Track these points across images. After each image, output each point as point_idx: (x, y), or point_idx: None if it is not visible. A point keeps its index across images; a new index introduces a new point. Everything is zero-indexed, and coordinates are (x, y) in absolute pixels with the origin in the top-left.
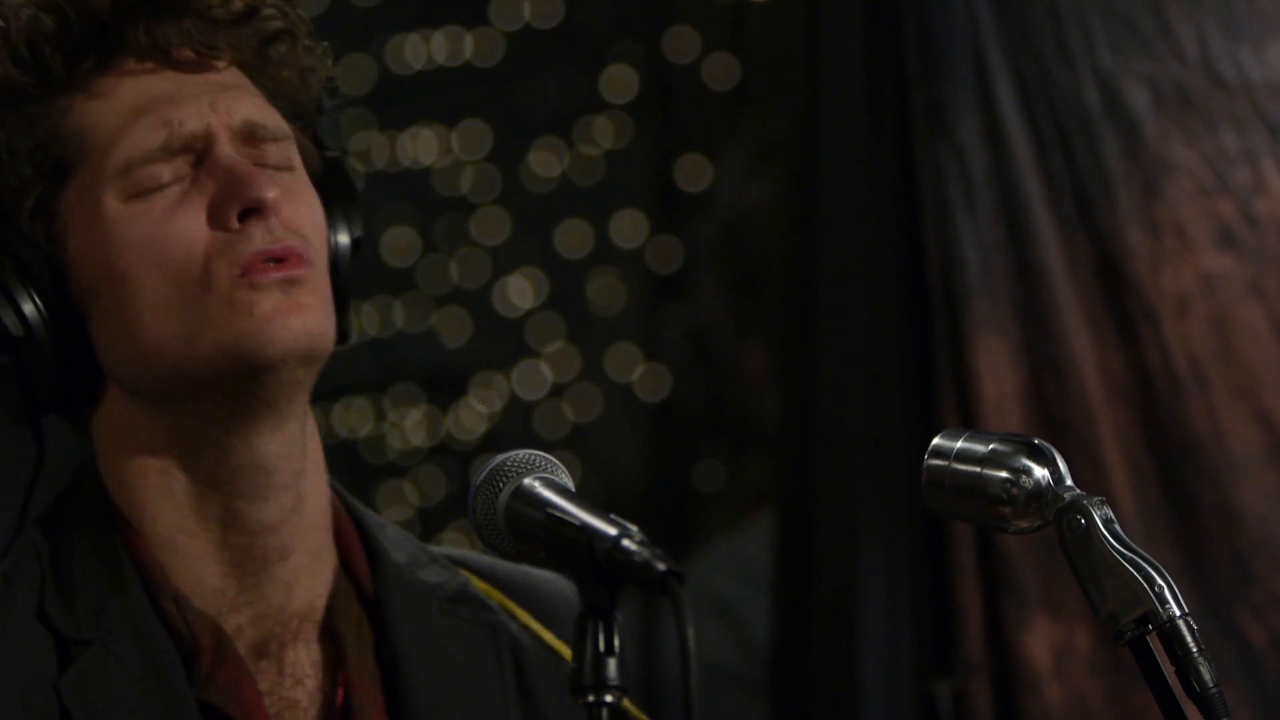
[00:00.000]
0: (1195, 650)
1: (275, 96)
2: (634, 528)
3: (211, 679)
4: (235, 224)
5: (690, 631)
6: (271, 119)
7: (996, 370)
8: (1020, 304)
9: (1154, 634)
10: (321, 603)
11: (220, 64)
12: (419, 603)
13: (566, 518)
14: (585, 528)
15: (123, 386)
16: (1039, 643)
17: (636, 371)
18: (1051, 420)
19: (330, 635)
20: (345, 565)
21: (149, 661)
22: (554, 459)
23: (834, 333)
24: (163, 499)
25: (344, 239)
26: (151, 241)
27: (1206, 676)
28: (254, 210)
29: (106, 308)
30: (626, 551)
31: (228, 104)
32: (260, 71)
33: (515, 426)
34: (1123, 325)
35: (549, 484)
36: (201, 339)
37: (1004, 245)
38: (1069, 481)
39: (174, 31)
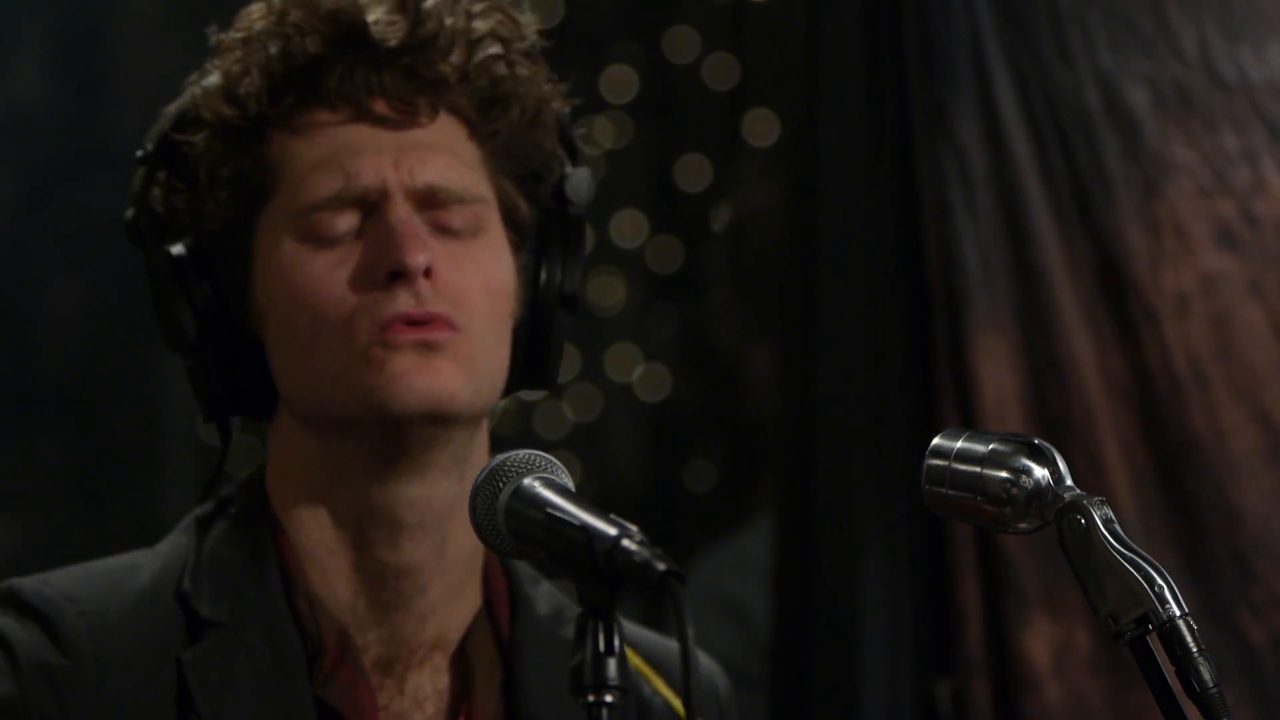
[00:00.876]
0: (1195, 650)
1: (494, 153)
2: (634, 528)
3: (331, 678)
4: (383, 284)
5: (690, 631)
6: (460, 181)
7: (996, 370)
8: (1020, 304)
9: (1154, 634)
10: (455, 636)
11: (423, 120)
12: (553, 654)
13: (566, 518)
14: (585, 528)
15: (289, 404)
16: (1039, 643)
17: (636, 371)
18: (1051, 420)
19: (461, 667)
20: (488, 606)
21: (275, 651)
22: (554, 459)
23: (834, 333)
24: (309, 515)
25: (551, 292)
26: (311, 290)
27: (1206, 676)
28: (401, 274)
29: (275, 336)
30: (626, 551)
31: (412, 163)
32: (478, 129)
33: (515, 426)
34: (1123, 325)
35: (549, 484)
36: (340, 386)
37: (1004, 245)
38: (1069, 481)
39: (373, 83)
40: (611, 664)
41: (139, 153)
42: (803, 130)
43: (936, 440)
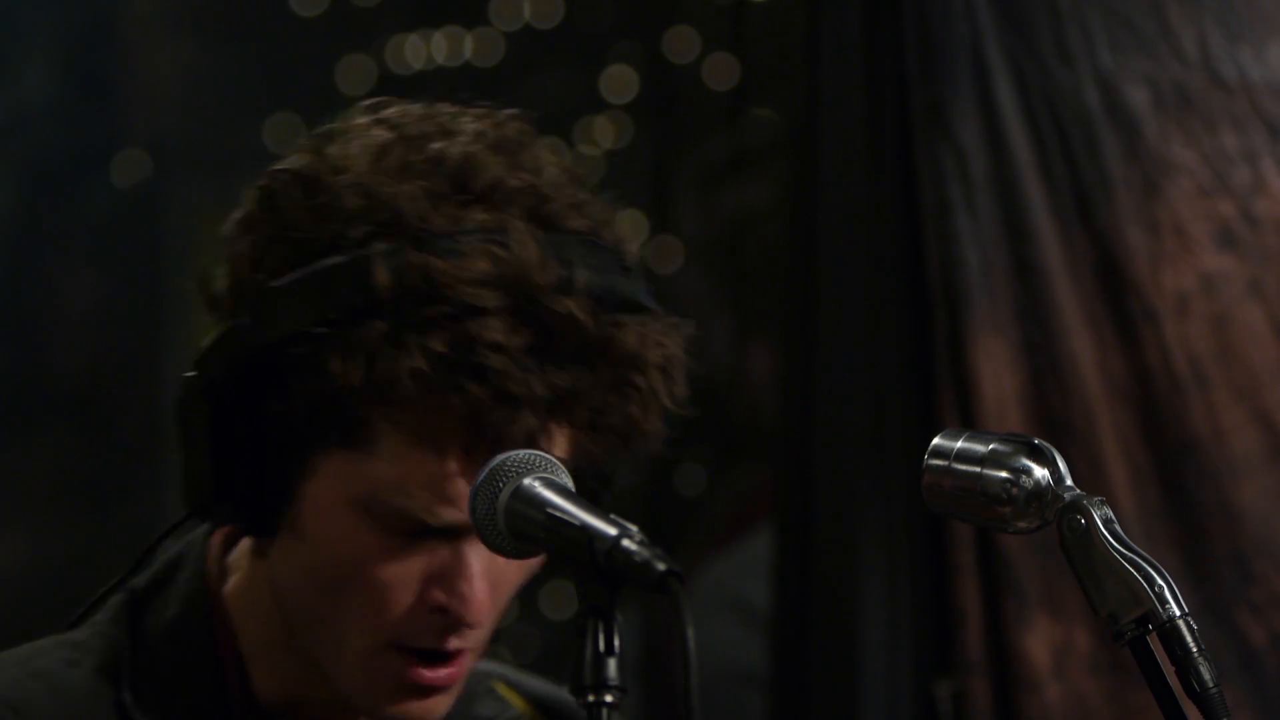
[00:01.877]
0: (1195, 650)
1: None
2: (634, 528)
3: None
4: (425, 614)
5: (690, 632)
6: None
7: (996, 370)
8: (1020, 304)
9: (1154, 634)
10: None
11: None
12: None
13: (566, 518)
14: (585, 528)
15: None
16: (1039, 643)
17: None
18: (1051, 420)
19: None
20: None
21: None
22: (554, 459)
23: (834, 333)
24: (275, 650)
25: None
26: (353, 567)
27: (1206, 676)
28: (443, 612)
29: (290, 557)
30: (626, 551)
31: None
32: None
33: None
34: (1123, 325)
35: (549, 484)
36: (338, 662)
37: (1004, 245)
38: (1069, 481)
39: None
40: (611, 664)
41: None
42: (803, 130)
43: (936, 440)
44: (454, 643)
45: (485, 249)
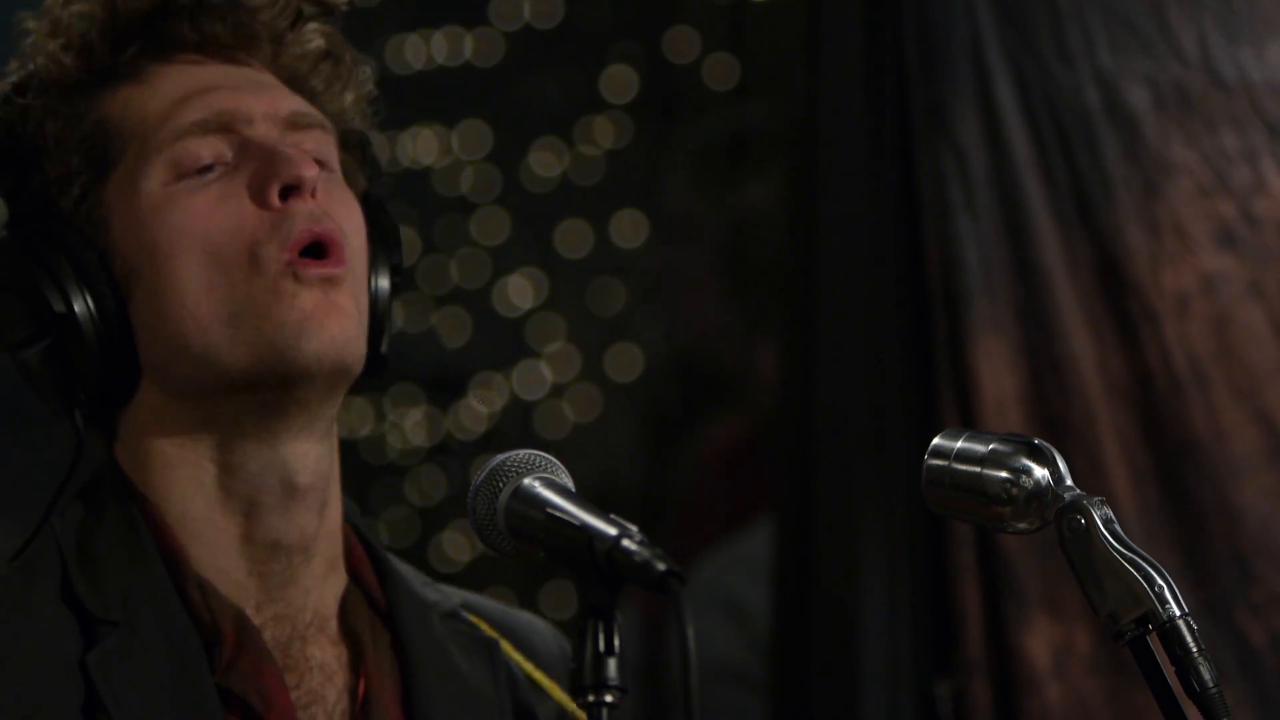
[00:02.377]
0: (1195, 650)
1: (325, 114)
2: (634, 528)
3: (232, 666)
4: (277, 202)
5: (690, 631)
6: (317, 112)
7: (996, 370)
8: (1020, 304)
9: (1154, 634)
10: (333, 610)
11: (265, 71)
12: (423, 612)
13: (566, 518)
14: (585, 528)
15: (158, 376)
16: (1039, 643)
17: (636, 371)
18: (1051, 420)
19: (349, 636)
20: (355, 577)
21: (172, 645)
22: (554, 459)
23: (834, 333)
24: (194, 491)
25: (384, 279)
26: (195, 223)
27: (1206, 676)
28: (294, 188)
29: (149, 290)
30: (626, 551)
31: (271, 95)
32: (303, 89)
33: (515, 426)
34: (1123, 325)
35: (549, 484)
36: (244, 324)
37: (1004, 245)
38: (1069, 481)
39: (221, 29)
40: (611, 664)
41: None
42: (803, 130)
43: (936, 440)
44: (324, 222)
45: None
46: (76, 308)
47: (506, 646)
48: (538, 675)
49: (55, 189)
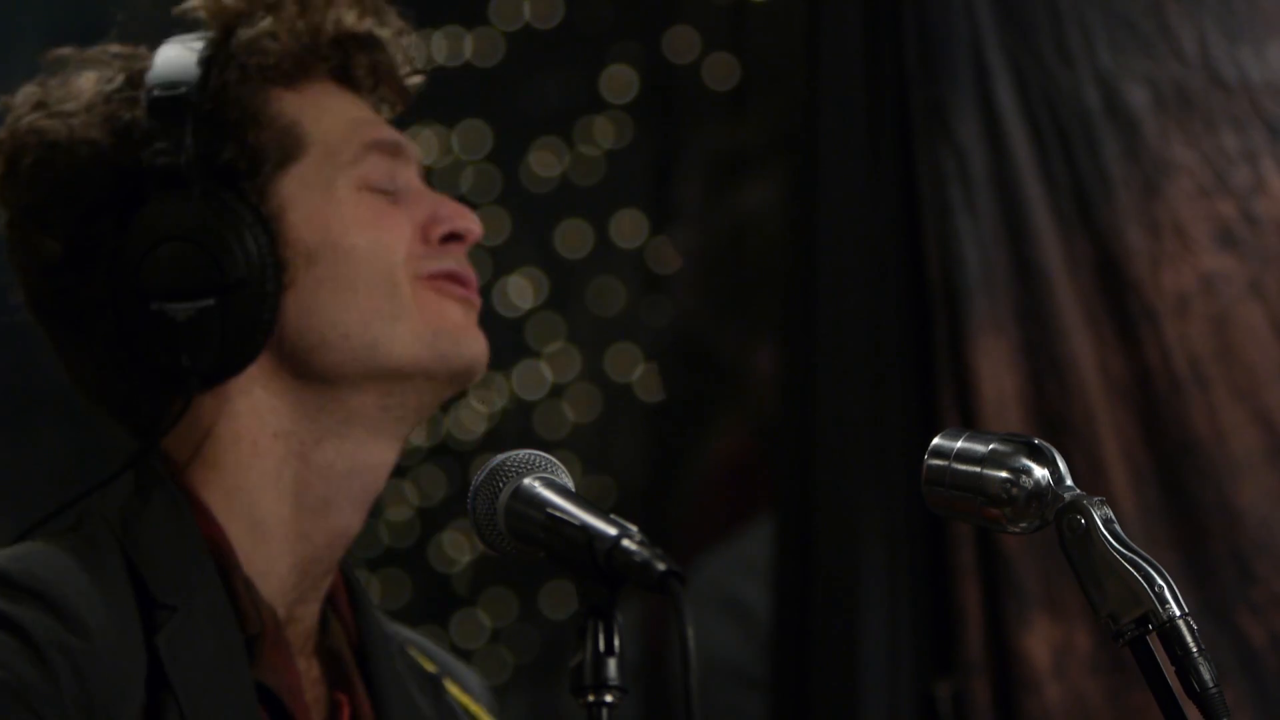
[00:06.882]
0: (1195, 650)
1: None
2: (634, 528)
3: (266, 661)
4: (436, 243)
5: (690, 631)
6: None
7: (996, 370)
8: (1020, 304)
9: (1154, 634)
10: (315, 623)
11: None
12: (387, 644)
13: (566, 518)
14: (585, 528)
15: (294, 362)
16: (1039, 643)
17: (636, 371)
18: (1051, 420)
19: (326, 654)
20: (329, 598)
21: (220, 636)
22: (554, 459)
23: (834, 333)
24: (267, 484)
25: None
26: (379, 231)
27: (1206, 676)
28: (459, 237)
29: (320, 277)
30: (626, 551)
31: (409, 143)
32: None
33: (515, 426)
34: (1123, 325)
35: (549, 484)
36: (403, 323)
37: (1004, 245)
38: (1069, 481)
39: (382, 69)
40: (611, 664)
41: (175, 91)
42: (803, 130)
43: (936, 440)
44: (464, 269)
45: None
46: (252, 276)
47: (449, 683)
48: (476, 709)
49: (243, 164)
